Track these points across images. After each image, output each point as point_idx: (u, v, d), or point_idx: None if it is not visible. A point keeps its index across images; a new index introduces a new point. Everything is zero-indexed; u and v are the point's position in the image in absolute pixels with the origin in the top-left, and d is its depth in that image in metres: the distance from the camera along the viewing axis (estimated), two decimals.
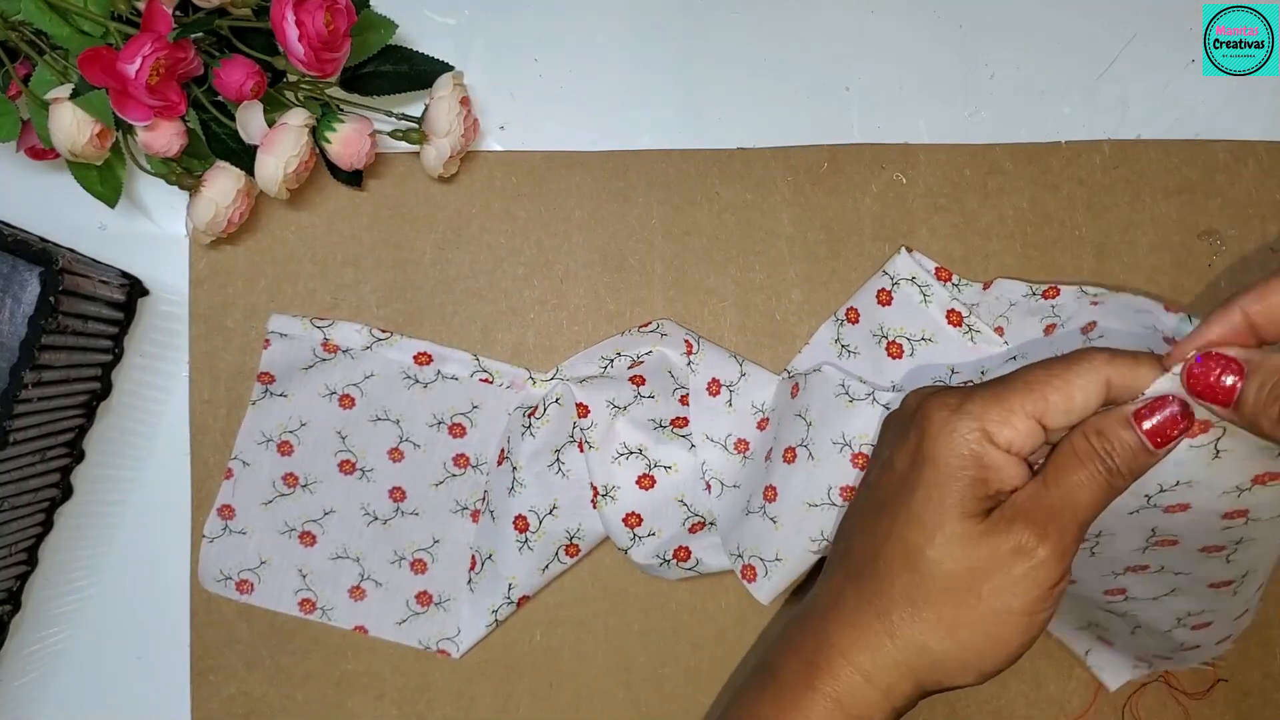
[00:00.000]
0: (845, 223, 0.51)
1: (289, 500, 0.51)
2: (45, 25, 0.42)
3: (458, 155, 0.48)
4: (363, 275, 0.51)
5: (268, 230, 0.51)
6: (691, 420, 0.49)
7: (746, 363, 0.50)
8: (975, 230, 0.51)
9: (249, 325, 0.50)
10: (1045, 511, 0.31)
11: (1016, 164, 0.52)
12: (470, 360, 0.51)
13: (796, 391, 0.48)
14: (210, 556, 0.50)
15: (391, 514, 0.51)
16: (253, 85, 0.44)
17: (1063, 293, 0.49)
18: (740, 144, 0.52)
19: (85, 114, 0.41)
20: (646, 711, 0.51)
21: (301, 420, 0.50)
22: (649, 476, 0.48)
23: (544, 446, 0.48)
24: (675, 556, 0.48)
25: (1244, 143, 0.52)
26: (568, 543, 0.49)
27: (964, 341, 0.49)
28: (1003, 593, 0.31)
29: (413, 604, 0.51)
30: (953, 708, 0.52)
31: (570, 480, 0.48)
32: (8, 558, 0.48)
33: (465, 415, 0.51)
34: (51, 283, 0.43)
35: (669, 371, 0.49)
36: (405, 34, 0.49)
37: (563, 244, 0.51)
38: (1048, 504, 0.31)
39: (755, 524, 0.47)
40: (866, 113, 0.52)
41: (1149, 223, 0.52)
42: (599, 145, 0.51)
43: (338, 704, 0.51)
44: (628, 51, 0.52)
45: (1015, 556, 0.31)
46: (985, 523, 0.31)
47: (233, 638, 0.51)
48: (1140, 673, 0.49)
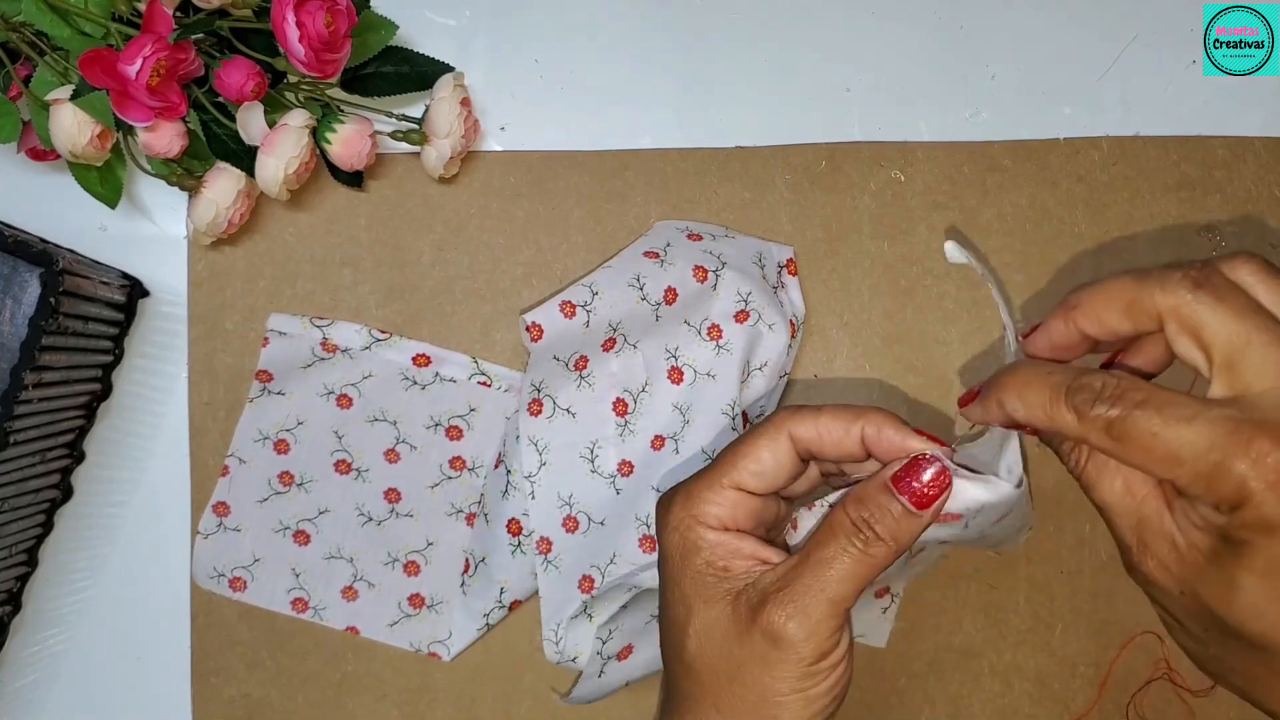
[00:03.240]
0: (844, 221, 0.51)
1: (284, 499, 0.51)
2: (46, 26, 0.42)
3: (458, 156, 0.49)
4: (361, 276, 0.51)
5: (267, 231, 0.51)
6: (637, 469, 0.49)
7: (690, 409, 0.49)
8: (974, 228, 0.51)
9: (248, 327, 0.51)
10: (794, 589, 0.30)
11: (1015, 161, 0.52)
12: (469, 363, 0.51)
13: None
14: (204, 553, 0.50)
15: (386, 515, 0.51)
16: (253, 86, 0.44)
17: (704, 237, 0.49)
18: (741, 146, 0.52)
19: (86, 115, 0.41)
20: (646, 711, 0.51)
21: (299, 419, 0.50)
22: (574, 519, 0.48)
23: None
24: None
25: (1242, 139, 0.52)
26: None
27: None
28: (765, 677, 0.30)
29: (405, 606, 0.51)
30: (956, 707, 0.51)
31: None
32: (8, 559, 0.48)
33: (462, 418, 0.51)
34: (52, 284, 0.43)
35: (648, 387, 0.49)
36: (406, 35, 0.49)
37: (561, 244, 0.51)
38: (797, 582, 0.30)
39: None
40: (867, 114, 0.52)
41: (1148, 219, 0.52)
42: (600, 146, 0.52)
43: (339, 705, 0.51)
44: (628, 52, 0.52)
45: (766, 640, 0.29)
46: (735, 607, 0.30)
47: (233, 639, 0.51)
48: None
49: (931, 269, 0.51)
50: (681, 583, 0.31)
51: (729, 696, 0.30)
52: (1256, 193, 0.52)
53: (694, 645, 0.31)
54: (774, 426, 0.32)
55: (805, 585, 0.29)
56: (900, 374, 0.51)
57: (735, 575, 0.31)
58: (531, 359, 0.47)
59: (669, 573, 0.32)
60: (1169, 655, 0.51)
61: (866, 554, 0.30)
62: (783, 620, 0.29)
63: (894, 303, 0.51)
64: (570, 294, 0.47)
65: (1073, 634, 0.52)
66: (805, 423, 0.32)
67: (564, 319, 0.46)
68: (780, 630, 0.29)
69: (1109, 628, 0.52)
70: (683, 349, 0.48)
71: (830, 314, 0.51)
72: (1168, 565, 0.28)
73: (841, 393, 0.51)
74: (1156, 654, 0.52)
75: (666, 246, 0.48)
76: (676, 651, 0.31)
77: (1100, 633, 0.52)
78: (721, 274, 0.48)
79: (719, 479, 0.32)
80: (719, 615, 0.30)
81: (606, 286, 0.47)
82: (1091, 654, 0.52)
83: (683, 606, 0.31)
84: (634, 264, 0.48)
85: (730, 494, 0.32)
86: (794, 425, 0.32)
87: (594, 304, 0.46)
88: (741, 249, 0.49)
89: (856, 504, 0.30)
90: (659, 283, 0.47)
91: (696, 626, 0.31)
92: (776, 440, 0.32)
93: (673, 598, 0.32)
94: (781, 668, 0.29)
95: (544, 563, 0.48)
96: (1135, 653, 0.52)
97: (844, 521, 0.30)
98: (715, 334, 0.48)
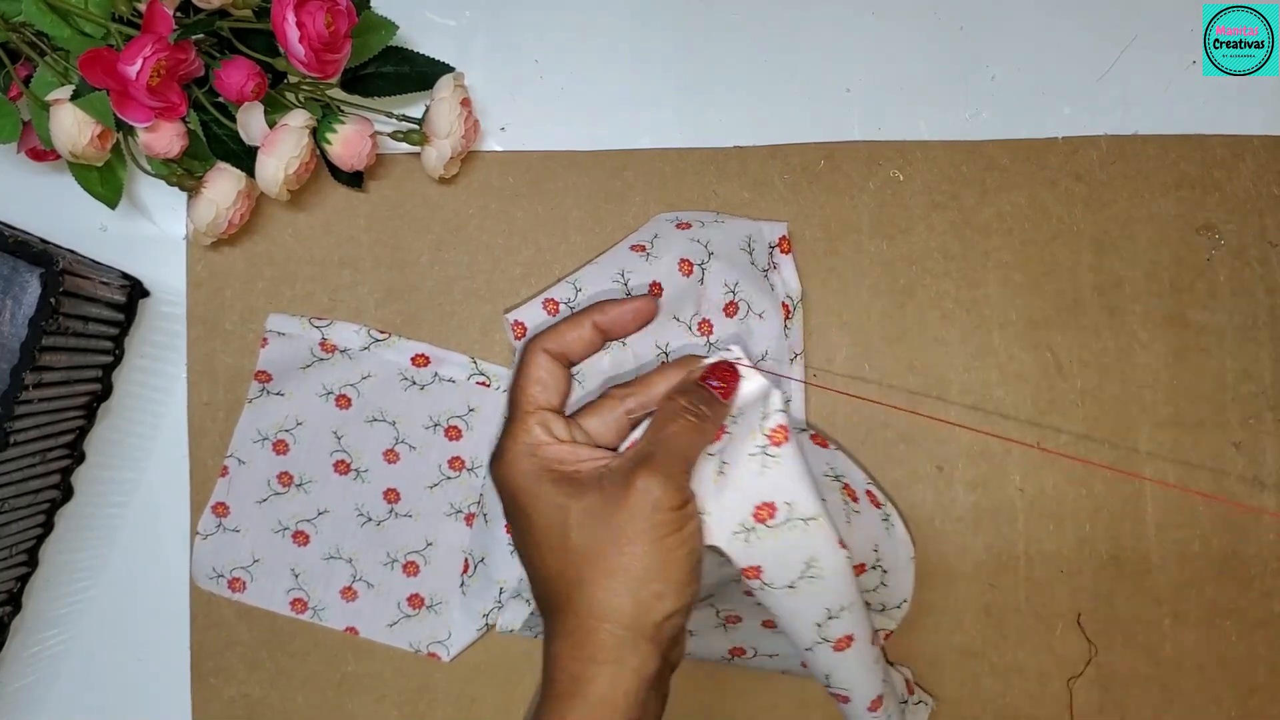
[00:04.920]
0: (843, 220, 0.51)
1: (283, 499, 0.51)
2: (46, 27, 0.42)
3: (458, 156, 0.49)
4: (360, 276, 0.51)
5: (266, 232, 0.51)
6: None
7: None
8: (973, 227, 0.51)
9: (247, 328, 0.51)
10: (656, 460, 0.36)
11: (1014, 160, 0.52)
12: (468, 363, 0.51)
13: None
14: (204, 553, 0.50)
15: (385, 515, 0.51)
16: (253, 86, 0.44)
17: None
18: (740, 145, 0.52)
19: (86, 115, 0.42)
20: None
21: (298, 419, 0.50)
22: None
23: None
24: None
25: (1241, 137, 0.52)
26: None
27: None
28: (646, 529, 0.35)
29: (404, 606, 0.51)
30: (956, 707, 0.51)
31: None
32: (8, 559, 0.48)
33: (462, 418, 0.51)
34: (52, 284, 0.43)
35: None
36: (406, 35, 0.50)
37: (560, 244, 0.51)
38: (656, 454, 0.36)
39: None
40: (867, 114, 0.52)
41: (1147, 218, 0.52)
42: (599, 146, 0.52)
43: (338, 706, 0.51)
44: (629, 52, 0.52)
45: (642, 500, 0.35)
46: (603, 491, 0.36)
47: (233, 640, 0.51)
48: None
49: (930, 268, 0.51)
50: (541, 496, 0.37)
51: (619, 556, 0.35)
52: (1255, 191, 0.52)
53: (576, 533, 0.36)
54: (531, 353, 0.40)
55: (666, 454, 0.37)
56: (900, 373, 0.51)
57: (587, 471, 0.37)
58: None
59: (525, 497, 0.37)
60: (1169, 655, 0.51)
61: (700, 425, 0.38)
62: (655, 482, 0.36)
63: (893, 302, 0.51)
64: (554, 291, 0.47)
65: (1073, 634, 0.52)
66: (550, 339, 0.40)
67: (548, 317, 0.46)
68: (652, 488, 0.35)
69: (1110, 628, 0.52)
70: (674, 345, 0.48)
71: (829, 313, 0.51)
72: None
73: (840, 392, 0.51)
74: (1157, 653, 0.52)
75: (654, 238, 0.48)
76: (558, 549, 0.36)
77: (1101, 633, 0.52)
78: (708, 266, 0.47)
79: (525, 415, 0.39)
80: (591, 502, 0.36)
81: (590, 283, 0.47)
82: (1092, 654, 0.51)
83: (554, 510, 0.36)
84: (619, 259, 0.48)
85: (541, 416, 0.39)
86: (545, 344, 0.40)
87: (577, 300, 0.46)
88: (730, 233, 0.49)
89: (682, 394, 0.38)
90: (643, 277, 0.47)
91: (574, 518, 0.36)
92: (540, 361, 0.40)
93: (539, 509, 0.37)
94: (658, 515, 0.35)
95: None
96: (1135, 651, 0.52)
97: (676, 406, 0.38)
98: (706, 329, 0.48)
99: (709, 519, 0.38)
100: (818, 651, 0.41)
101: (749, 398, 0.39)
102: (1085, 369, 0.51)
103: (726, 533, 0.38)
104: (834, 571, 0.39)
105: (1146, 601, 0.52)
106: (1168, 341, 0.52)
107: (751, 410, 0.39)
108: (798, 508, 0.39)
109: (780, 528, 0.38)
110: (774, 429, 0.39)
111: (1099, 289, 0.52)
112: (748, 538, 0.38)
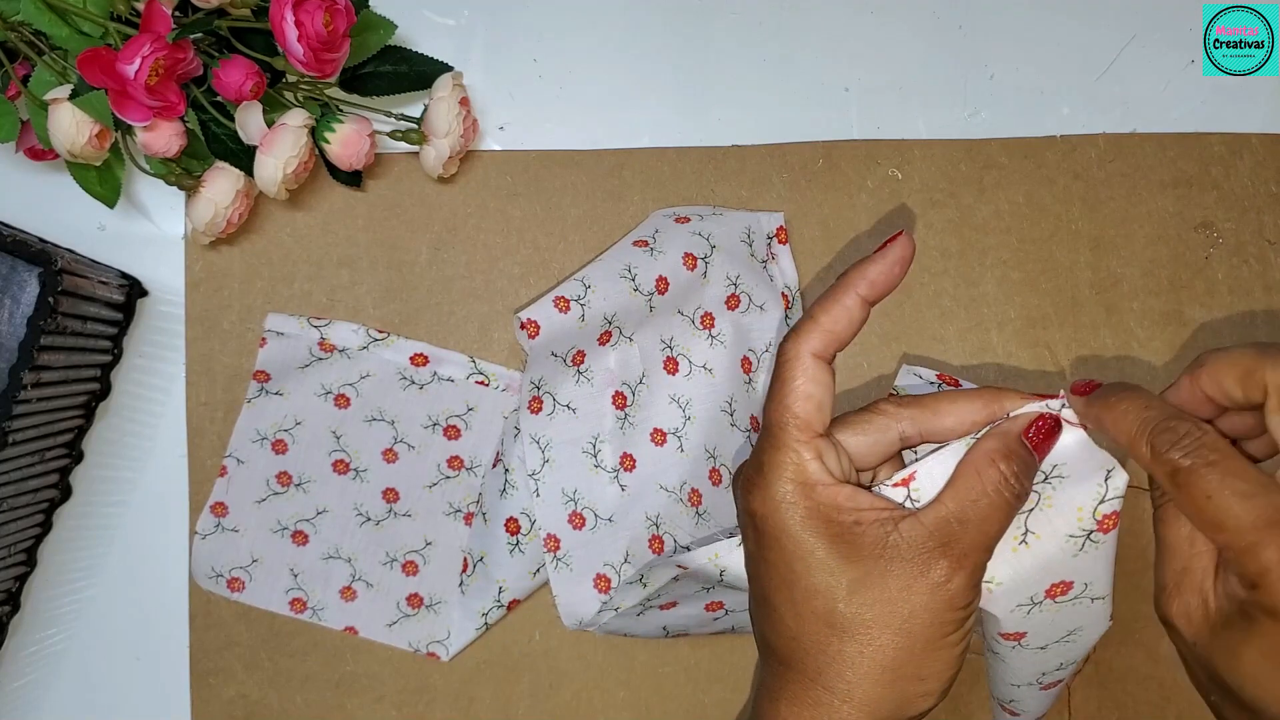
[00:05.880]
0: (841, 219, 0.51)
1: (282, 499, 0.51)
2: (44, 26, 0.42)
3: (457, 156, 0.49)
4: (359, 276, 0.51)
5: (265, 231, 0.51)
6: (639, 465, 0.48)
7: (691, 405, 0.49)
8: (971, 225, 0.51)
9: (245, 327, 0.51)
10: (963, 546, 0.30)
11: (1012, 158, 0.52)
12: (466, 362, 0.51)
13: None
14: (203, 553, 0.50)
15: (384, 515, 0.51)
16: (252, 86, 0.44)
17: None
18: (738, 144, 0.52)
19: (84, 114, 0.41)
20: (646, 712, 0.51)
21: (297, 419, 0.50)
22: (580, 516, 0.48)
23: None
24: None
25: (1239, 135, 0.52)
26: None
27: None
28: (933, 624, 0.31)
29: (403, 606, 0.51)
30: (956, 705, 0.51)
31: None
32: (7, 559, 0.48)
33: (460, 417, 0.51)
34: (51, 283, 0.43)
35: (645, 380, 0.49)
36: (405, 34, 0.50)
37: (559, 243, 0.51)
38: (964, 539, 0.30)
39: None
40: (866, 114, 0.52)
41: (1145, 216, 0.52)
42: (598, 145, 0.52)
43: (337, 706, 0.51)
44: (627, 52, 0.52)
45: (934, 592, 0.30)
46: (881, 562, 0.31)
47: (232, 640, 0.51)
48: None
49: (929, 267, 0.52)
50: (811, 551, 0.31)
51: (894, 651, 0.30)
52: (1253, 189, 0.52)
53: (844, 606, 0.31)
54: (794, 360, 0.33)
55: (974, 542, 0.30)
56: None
57: (868, 529, 0.31)
58: (530, 357, 0.47)
59: (789, 543, 0.31)
60: (1170, 654, 0.51)
61: (1017, 505, 0.31)
62: (959, 579, 0.30)
63: (891, 300, 0.51)
64: (564, 289, 0.47)
65: None
66: (813, 337, 0.33)
67: (560, 314, 0.46)
68: (954, 585, 0.30)
69: (1110, 627, 0.51)
70: (677, 339, 0.48)
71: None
72: (1191, 617, 0.30)
73: (840, 392, 0.51)
74: (1155, 651, 0.52)
75: (655, 233, 0.48)
76: (819, 614, 0.31)
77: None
78: (710, 259, 0.48)
79: (795, 443, 0.32)
80: (869, 573, 0.30)
81: (598, 279, 0.47)
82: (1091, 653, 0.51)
83: (822, 573, 0.31)
84: (624, 255, 0.48)
85: (816, 446, 0.32)
86: (807, 344, 0.33)
87: (588, 298, 0.47)
88: (729, 226, 0.49)
89: (1004, 456, 0.31)
90: (650, 272, 0.47)
91: (846, 590, 0.31)
92: (805, 367, 0.33)
93: (804, 563, 0.31)
94: (949, 614, 0.30)
95: (554, 560, 0.48)
96: (1135, 651, 0.52)
97: (998, 475, 0.31)
98: (708, 323, 0.48)
99: (997, 589, 0.34)
100: (1023, 687, 0.39)
101: (1063, 456, 0.33)
102: (1083, 367, 0.51)
103: (1010, 604, 0.34)
104: (1090, 640, 0.36)
105: (1145, 599, 0.51)
106: (1166, 339, 0.52)
107: (1076, 482, 0.33)
108: (1093, 588, 0.35)
109: (1066, 604, 0.34)
110: (1108, 515, 0.33)
111: (1097, 287, 0.52)
112: (1029, 610, 0.34)
